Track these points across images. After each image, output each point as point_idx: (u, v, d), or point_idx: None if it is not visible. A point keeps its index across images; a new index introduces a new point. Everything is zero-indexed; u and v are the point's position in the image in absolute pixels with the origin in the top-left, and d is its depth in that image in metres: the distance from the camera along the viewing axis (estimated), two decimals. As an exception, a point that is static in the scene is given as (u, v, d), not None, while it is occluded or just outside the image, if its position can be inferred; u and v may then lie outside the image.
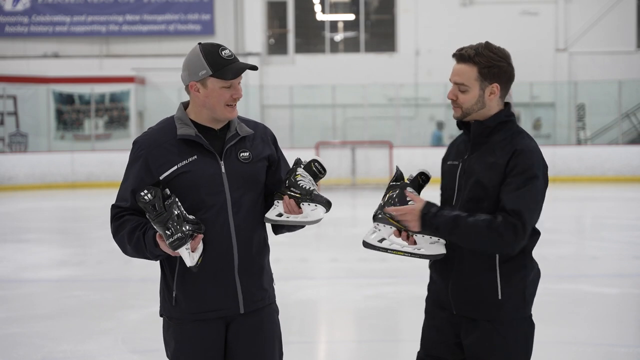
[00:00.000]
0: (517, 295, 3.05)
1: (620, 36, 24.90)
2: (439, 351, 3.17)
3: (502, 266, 3.03)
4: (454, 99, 3.08)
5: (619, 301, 7.60)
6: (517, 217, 2.92)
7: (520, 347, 3.08)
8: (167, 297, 3.11)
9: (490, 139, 3.07)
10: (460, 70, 3.07)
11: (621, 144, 23.54)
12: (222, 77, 2.99)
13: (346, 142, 23.23)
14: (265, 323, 3.14)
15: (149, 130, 3.15)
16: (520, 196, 2.94)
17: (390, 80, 24.80)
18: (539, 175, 2.98)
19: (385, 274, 8.87)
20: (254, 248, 3.10)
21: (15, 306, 7.65)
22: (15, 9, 25.67)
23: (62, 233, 13.69)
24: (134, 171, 3.06)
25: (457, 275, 3.09)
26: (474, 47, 3.08)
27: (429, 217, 2.97)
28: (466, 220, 2.93)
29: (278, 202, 3.10)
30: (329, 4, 26.59)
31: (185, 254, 2.92)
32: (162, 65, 25.02)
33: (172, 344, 3.12)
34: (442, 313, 3.16)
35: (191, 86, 3.04)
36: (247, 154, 3.11)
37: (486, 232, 2.91)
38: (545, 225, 13.54)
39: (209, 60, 2.99)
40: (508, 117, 3.10)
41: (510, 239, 2.92)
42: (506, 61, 3.09)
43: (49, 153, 23.25)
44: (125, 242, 3.05)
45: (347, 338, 6.63)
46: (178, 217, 2.90)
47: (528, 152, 2.99)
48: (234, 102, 3.05)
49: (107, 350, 6.02)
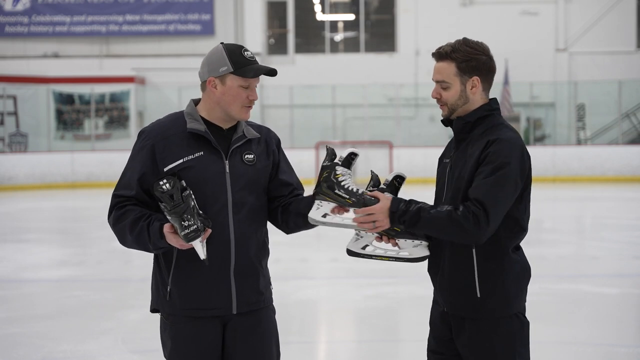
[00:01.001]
0: (498, 293, 3.04)
1: (620, 36, 24.91)
2: (437, 346, 3.22)
3: (479, 265, 3.04)
4: (439, 97, 3.12)
5: (619, 301, 7.60)
6: (478, 205, 2.90)
7: (505, 346, 3.06)
8: (161, 292, 3.11)
9: (471, 133, 3.11)
10: (440, 68, 3.10)
11: (621, 144, 23.54)
12: (242, 75, 3.02)
13: (346, 142, 23.24)
14: (262, 323, 3.14)
15: (157, 121, 3.16)
16: (485, 184, 2.93)
17: (390, 80, 24.81)
18: (511, 163, 2.96)
19: (385, 274, 8.87)
20: (252, 250, 3.10)
21: (15, 306, 7.65)
22: (15, 9, 25.67)
23: (62, 233, 13.69)
24: (140, 159, 3.06)
25: (442, 274, 3.13)
26: (451, 43, 3.11)
27: (397, 215, 2.97)
28: (428, 213, 2.93)
29: (321, 203, 3.05)
30: (329, 4, 26.59)
31: (199, 247, 2.91)
32: (162, 65, 25.03)
33: (168, 343, 3.11)
34: (437, 310, 3.22)
35: (209, 82, 3.05)
36: (251, 156, 3.12)
37: (447, 223, 2.91)
38: (545, 225, 13.55)
39: (232, 58, 3.02)
40: (490, 111, 3.11)
41: (471, 228, 2.90)
42: (484, 54, 3.09)
43: (49, 153, 23.26)
44: (125, 232, 3.03)
45: (347, 338, 6.63)
46: (193, 209, 2.89)
47: (501, 141, 2.99)
48: (250, 103, 3.08)
49: (107, 350, 6.01)
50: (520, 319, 3.12)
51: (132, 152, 3.11)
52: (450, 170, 3.12)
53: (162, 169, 3.02)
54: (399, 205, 2.97)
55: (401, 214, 2.95)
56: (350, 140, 23.67)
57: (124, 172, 3.12)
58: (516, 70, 24.13)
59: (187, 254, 3.02)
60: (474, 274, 3.05)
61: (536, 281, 8.28)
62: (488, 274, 3.05)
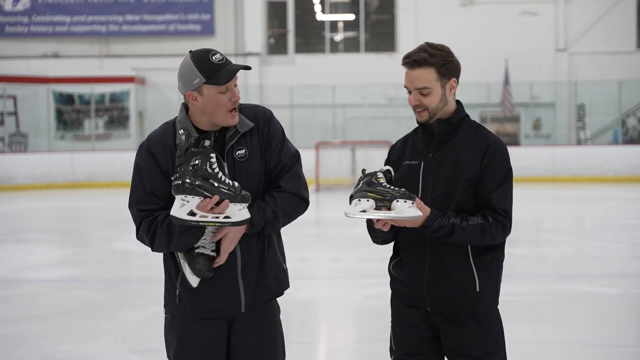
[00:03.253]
0: (492, 287, 3.16)
1: (620, 36, 24.90)
2: (415, 348, 3.22)
3: (475, 260, 3.13)
4: (418, 104, 3.14)
5: (619, 301, 7.60)
6: (505, 214, 3.10)
7: (500, 336, 3.19)
8: (171, 296, 3.11)
9: (455, 134, 3.17)
10: (419, 75, 3.11)
11: (621, 144, 23.54)
12: (215, 83, 2.96)
13: (346, 142, 23.24)
14: (267, 323, 3.14)
15: (152, 133, 3.13)
16: (504, 193, 3.11)
17: (390, 80, 24.78)
18: (510, 167, 3.16)
19: (385, 274, 8.84)
20: (258, 247, 3.10)
21: (14, 306, 7.65)
22: (15, 9, 25.67)
23: (62, 233, 13.69)
24: (147, 173, 3.03)
25: (431, 273, 3.15)
26: (421, 50, 3.12)
27: (429, 230, 3.05)
28: (461, 229, 3.04)
29: (360, 200, 3.04)
30: (329, 4, 26.59)
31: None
32: (162, 65, 25.02)
33: (174, 343, 3.11)
34: (413, 311, 3.23)
35: (188, 95, 3.01)
36: (242, 151, 3.08)
37: (480, 236, 3.06)
38: (545, 225, 13.56)
39: (201, 68, 2.95)
40: (464, 112, 3.22)
41: (500, 237, 3.11)
42: (453, 55, 3.17)
43: (49, 153, 23.26)
44: (169, 231, 2.95)
45: (347, 338, 6.63)
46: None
47: (498, 145, 3.14)
48: (234, 105, 3.02)
49: (107, 350, 6.01)
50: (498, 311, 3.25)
51: (137, 166, 3.07)
52: (432, 172, 3.14)
53: (170, 177, 3.01)
54: (434, 222, 3.03)
55: (434, 230, 3.04)
56: (350, 140, 23.67)
57: (134, 188, 3.07)
58: (516, 70, 24.13)
59: None
60: (472, 270, 3.12)
61: (536, 281, 8.32)
62: (485, 268, 3.14)
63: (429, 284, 3.15)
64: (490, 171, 3.10)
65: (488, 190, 3.09)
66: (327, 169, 21.87)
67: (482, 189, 3.10)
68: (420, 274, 3.17)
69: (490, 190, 3.09)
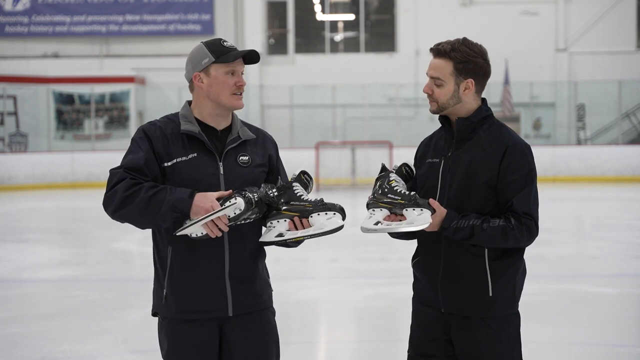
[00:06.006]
0: (507, 292, 3.09)
1: (620, 36, 24.90)
2: (429, 349, 3.19)
3: (491, 265, 3.07)
4: (430, 93, 3.12)
5: (619, 301, 7.60)
6: (529, 217, 3.03)
7: (513, 341, 3.12)
8: (158, 295, 3.12)
9: (475, 134, 3.12)
10: (437, 65, 3.10)
11: (621, 144, 23.54)
12: (224, 61, 3.04)
13: (346, 142, 23.24)
14: (259, 324, 3.12)
15: (153, 121, 3.15)
16: (527, 196, 3.03)
17: (390, 80, 24.81)
18: (533, 168, 3.07)
19: (385, 274, 8.87)
20: (247, 253, 3.08)
21: (14, 306, 7.65)
22: (15, 9, 25.67)
23: (62, 233, 13.69)
24: (145, 148, 3.01)
25: (446, 275, 3.12)
26: (451, 42, 3.11)
27: (448, 232, 3.03)
28: (482, 230, 3.00)
29: (374, 211, 3.04)
30: (329, 4, 26.59)
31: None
32: (162, 65, 25.03)
33: (165, 344, 3.11)
34: (429, 311, 3.20)
35: (195, 77, 3.07)
36: (246, 157, 3.11)
37: (502, 239, 3.00)
38: (545, 225, 13.54)
39: (211, 49, 3.05)
40: (487, 111, 3.15)
41: (527, 239, 3.03)
42: (482, 57, 3.10)
43: (49, 153, 23.25)
44: (139, 193, 2.90)
45: (347, 338, 6.63)
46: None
47: (519, 145, 3.07)
48: (239, 90, 3.07)
49: (107, 350, 6.01)
50: (518, 315, 3.18)
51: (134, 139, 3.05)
52: (449, 171, 3.12)
53: (161, 164, 3.01)
54: (451, 222, 3.01)
55: (452, 232, 3.01)
56: (350, 140, 23.67)
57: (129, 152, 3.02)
58: (516, 70, 24.13)
59: (181, 257, 3.03)
60: (486, 275, 3.07)
61: (536, 281, 8.31)
62: (500, 274, 3.08)
63: (443, 284, 3.12)
64: (509, 174, 3.03)
65: (509, 193, 3.03)
66: (327, 169, 21.88)
67: (503, 193, 3.04)
68: (435, 274, 3.15)
69: (511, 194, 3.03)
